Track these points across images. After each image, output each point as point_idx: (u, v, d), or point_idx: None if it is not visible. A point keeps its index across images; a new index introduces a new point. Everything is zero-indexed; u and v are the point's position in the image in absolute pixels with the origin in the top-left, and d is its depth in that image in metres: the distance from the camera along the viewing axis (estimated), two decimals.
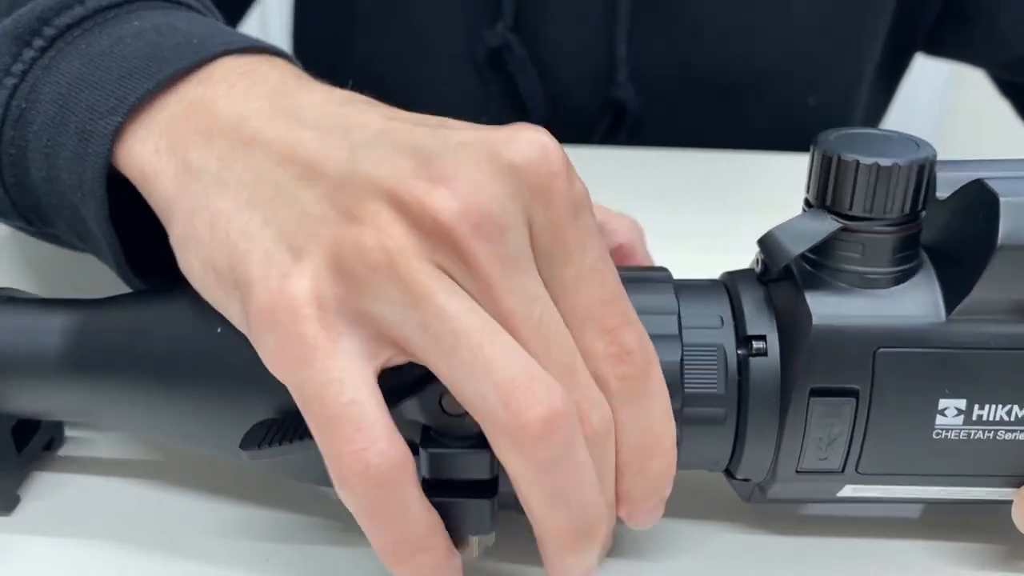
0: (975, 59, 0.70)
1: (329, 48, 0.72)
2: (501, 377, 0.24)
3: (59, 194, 0.32)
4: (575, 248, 0.26)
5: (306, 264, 0.25)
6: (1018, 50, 0.64)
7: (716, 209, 0.53)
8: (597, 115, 0.67)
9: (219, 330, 0.29)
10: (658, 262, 0.38)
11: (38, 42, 0.32)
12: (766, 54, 0.63)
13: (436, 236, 0.25)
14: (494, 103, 0.68)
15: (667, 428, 0.28)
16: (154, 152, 0.30)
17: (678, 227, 0.34)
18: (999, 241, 0.27)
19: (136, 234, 0.32)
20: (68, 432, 0.36)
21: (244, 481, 0.34)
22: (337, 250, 0.25)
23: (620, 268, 0.28)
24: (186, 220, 0.28)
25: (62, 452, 0.36)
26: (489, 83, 0.67)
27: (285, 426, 0.29)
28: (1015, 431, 0.29)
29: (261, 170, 0.27)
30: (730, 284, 0.31)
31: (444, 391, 0.26)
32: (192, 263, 0.28)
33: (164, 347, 0.31)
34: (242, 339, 0.27)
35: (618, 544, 0.32)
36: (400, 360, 0.26)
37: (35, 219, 0.34)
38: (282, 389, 0.28)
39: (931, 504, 0.34)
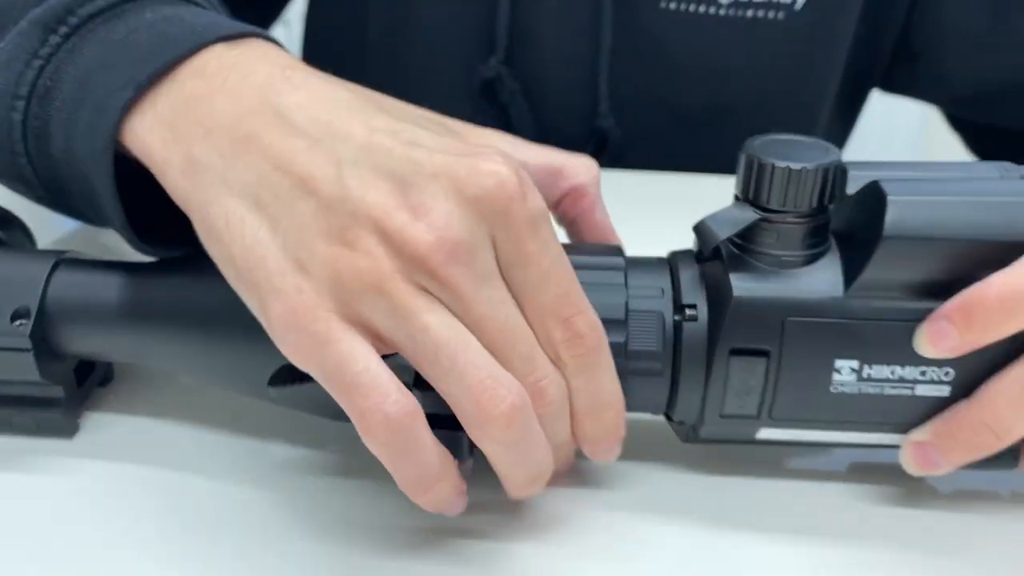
0: (925, 96, 0.76)
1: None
2: (472, 381, 0.31)
3: (74, 164, 0.37)
4: (534, 255, 0.32)
5: (313, 279, 0.31)
6: (962, 90, 0.71)
7: (687, 225, 0.60)
8: (581, 143, 0.73)
9: None
10: None
11: (63, 29, 0.37)
12: (732, 90, 0.70)
13: (416, 263, 0.31)
14: None
15: (614, 388, 0.35)
16: (161, 142, 0.34)
17: (652, 240, 0.40)
18: (884, 232, 0.34)
19: (148, 211, 0.37)
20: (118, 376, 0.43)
21: (262, 414, 0.41)
22: (336, 270, 0.31)
23: (580, 250, 0.35)
24: (202, 211, 0.33)
25: (113, 393, 0.42)
26: (483, 112, 0.73)
27: None
28: (898, 388, 0.35)
29: (260, 173, 0.32)
30: (672, 261, 0.38)
31: None
32: (213, 252, 0.34)
33: (204, 301, 0.37)
34: None
35: (578, 478, 0.39)
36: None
37: (55, 189, 0.40)
38: None
39: (837, 447, 0.40)
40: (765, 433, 0.37)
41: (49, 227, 0.51)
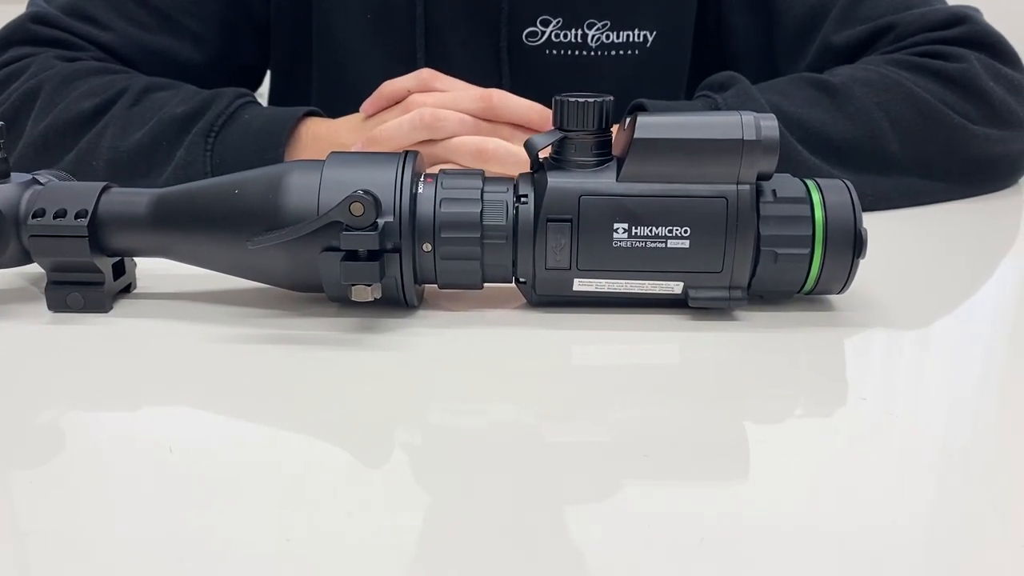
0: None
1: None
2: None
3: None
4: None
5: None
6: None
7: None
8: None
9: (236, 191, 0.55)
10: None
11: (212, 134, 0.77)
12: None
13: None
14: None
15: None
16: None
17: None
18: (634, 137, 0.53)
19: None
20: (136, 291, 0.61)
21: (239, 308, 0.59)
22: None
23: (450, 173, 0.54)
24: None
25: (133, 296, 0.60)
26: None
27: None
28: (655, 243, 0.54)
29: None
30: (520, 176, 0.57)
31: (351, 203, 0.51)
32: None
33: (205, 205, 0.55)
34: (249, 196, 0.53)
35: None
36: None
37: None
38: (265, 221, 0.52)
39: (632, 299, 0.58)
40: (578, 285, 0.55)
41: None
